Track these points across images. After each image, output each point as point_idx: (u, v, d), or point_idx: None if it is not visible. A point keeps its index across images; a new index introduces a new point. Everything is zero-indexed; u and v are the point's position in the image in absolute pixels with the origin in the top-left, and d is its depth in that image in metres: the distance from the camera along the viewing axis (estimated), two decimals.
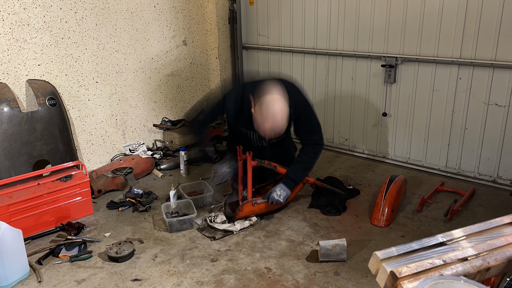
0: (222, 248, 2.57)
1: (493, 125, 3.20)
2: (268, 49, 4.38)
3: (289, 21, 4.13)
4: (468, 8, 3.08)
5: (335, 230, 2.75)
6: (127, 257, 2.45)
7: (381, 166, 3.76)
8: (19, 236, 2.29)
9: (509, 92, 3.07)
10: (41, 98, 3.06)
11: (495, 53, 3.05)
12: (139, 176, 3.58)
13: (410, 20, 3.36)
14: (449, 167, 3.50)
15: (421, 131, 3.56)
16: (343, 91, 3.94)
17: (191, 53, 4.34)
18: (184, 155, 3.60)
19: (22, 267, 2.31)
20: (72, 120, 3.45)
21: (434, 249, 1.40)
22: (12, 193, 2.73)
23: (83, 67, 3.46)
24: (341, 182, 3.32)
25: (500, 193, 3.18)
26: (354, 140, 4.02)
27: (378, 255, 1.36)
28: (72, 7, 3.30)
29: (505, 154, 3.20)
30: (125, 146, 3.86)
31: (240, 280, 2.27)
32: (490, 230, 1.51)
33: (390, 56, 3.53)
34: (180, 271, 2.36)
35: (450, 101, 3.34)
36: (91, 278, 2.32)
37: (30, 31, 3.11)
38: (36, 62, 3.18)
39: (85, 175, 3.02)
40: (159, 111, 4.16)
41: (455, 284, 1.19)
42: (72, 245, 2.56)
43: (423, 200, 2.99)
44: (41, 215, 2.77)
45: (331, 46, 3.90)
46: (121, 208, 3.06)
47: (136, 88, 3.89)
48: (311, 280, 2.26)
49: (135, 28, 3.77)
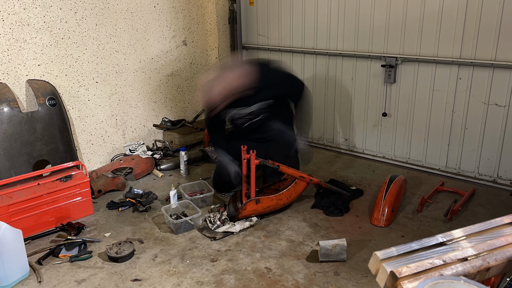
0: (222, 248, 2.57)
1: (493, 125, 3.20)
2: (268, 49, 4.38)
3: (289, 21, 4.14)
4: (468, 8, 3.08)
5: (335, 230, 2.75)
6: (127, 257, 2.45)
7: (381, 166, 3.76)
8: (19, 236, 2.29)
9: (509, 92, 3.07)
10: (41, 98, 3.06)
11: (495, 53, 3.05)
12: (139, 176, 3.58)
13: (410, 20, 3.37)
14: (449, 167, 3.50)
15: (421, 131, 3.56)
16: (343, 91, 3.94)
17: (191, 53, 4.34)
18: (184, 155, 3.60)
19: (22, 267, 2.31)
20: (72, 120, 3.45)
21: (434, 249, 1.40)
22: (12, 193, 2.73)
23: (83, 67, 3.46)
24: (345, 184, 3.32)
25: (500, 193, 3.18)
26: (354, 140, 4.02)
27: (378, 255, 1.36)
28: (72, 7, 3.30)
29: (505, 154, 3.20)
30: (125, 146, 3.87)
31: (240, 280, 2.27)
32: (490, 230, 1.51)
33: (390, 56, 3.53)
34: (180, 271, 2.36)
35: (450, 101, 3.35)
36: (91, 278, 2.32)
37: (30, 31, 3.11)
38: (36, 62, 3.18)
39: (85, 175, 3.02)
40: (159, 111, 4.16)
41: (455, 284, 1.19)
42: (72, 245, 2.56)
43: (423, 200, 2.99)
44: (41, 215, 2.77)
45: (331, 46, 3.90)
46: (121, 208, 3.06)
47: (136, 88, 3.89)
48: (311, 280, 2.26)
49: (135, 28, 3.77)
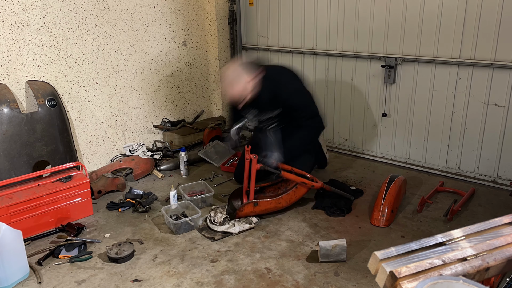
0: (222, 249, 2.57)
1: (493, 125, 3.20)
2: (267, 49, 4.38)
3: (288, 22, 4.14)
4: (467, 8, 3.08)
5: (335, 230, 2.75)
6: (127, 258, 2.45)
7: (381, 166, 3.76)
8: (19, 237, 2.29)
9: (509, 92, 3.07)
10: (41, 99, 3.07)
11: (494, 53, 3.05)
12: (139, 177, 3.58)
13: (410, 20, 3.37)
14: (449, 167, 3.50)
15: (420, 131, 3.56)
16: (342, 91, 3.94)
17: (190, 53, 4.34)
18: (184, 156, 3.60)
19: (22, 268, 2.31)
20: (72, 121, 3.45)
21: (434, 249, 1.41)
22: (12, 194, 2.73)
23: (83, 68, 3.46)
24: (344, 184, 3.32)
25: (500, 193, 3.18)
26: (354, 141, 4.02)
27: (377, 255, 1.36)
28: (71, 8, 3.30)
29: (505, 154, 3.20)
30: (125, 147, 3.87)
31: (240, 281, 2.27)
32: (489, 230, 1.51)
33: (390, 56, 3.53)
34: (180, 271, 2.37)
35: (449, 101, 3.35)
36: (91, 279, 2.32)
37: (30, 32, 3.11)
38: (36, 63, 3.18)
39: (85, 176, 3.02)
40: (159, 112, 4.17)
41: (454, 284, 1.19)
42: (72, 246, 2.56)
43: (423, 200, 2.99)
44: (41, 216, 2.77)
45: (330, 46, 3.90)
46: (121, 209, 3.06)
47: (136, 89, 3.90)
48: (311, 281, 2.26)
49: (134, 29, 3.77)
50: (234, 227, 2.75)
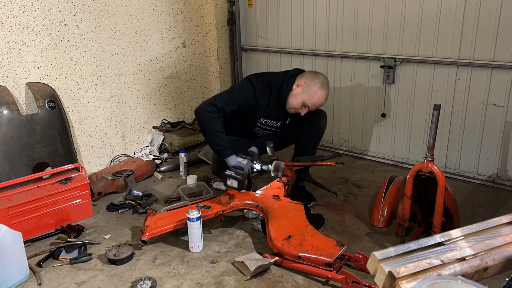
0: (222, 250, 2.57)
1: (492, 125, 3.20)
2: (267, 50, 4.39)
3: (287, 23, 4.14)
4: (466, 8, 3.09)
5: (335, 230, 2.75)
6: (126, 259, 2.45)
7: (380, 166, 3.77)
8: (19, 238, 2.30)
9: (508, 92, 3.07)
10: (41, 100, 3.07)
11: (493, 53, 3.06)
12: (139, 179, 3.58)
13: (409, 21, 3.37)
14: (448, 167, 3.50)
15: (420, 131, 3.57)
16: (342, 92, 3.95)
17: (190, 55, 4.35)
18: (184, 157, 3.60)
19: (22, 270, 2.32)
20: (72, 122, 3.45)
21: (432, 249, 1.41)
22: (12, 196, 2.73)
23: (83, 70, 3.46)
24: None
25: (500, 193, 3.18)
26: (353, 141, 4.02)
27: (376, 256, 1.36)
28: (71, 10, 3.31)
29: (504, 154, 3.20)
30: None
31: (240, 282, 2.27)
32: (488, 230, 1.51)
33: (389, 57, 3.54)
34: (180, 273, 2.37)
35: (449, 101, 3.35)
36: (91, 280, 2.32)
37: (29, 34, 3.11)
38: (36, 65, 3.19)
39: (84, 178, 3.03)
40: (159, 113, 4.17)
41: (453, 284, 1.19)
42: (72, 247, 2.56)
43: None
44: (41, 218, 2.77)
45: (329, 47, 3.91)
46: (121, 210, 3.06)
47: (135, 90, 3.90)
48: (310, 281, 2.26)
49: (134, 31, 3.78)
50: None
